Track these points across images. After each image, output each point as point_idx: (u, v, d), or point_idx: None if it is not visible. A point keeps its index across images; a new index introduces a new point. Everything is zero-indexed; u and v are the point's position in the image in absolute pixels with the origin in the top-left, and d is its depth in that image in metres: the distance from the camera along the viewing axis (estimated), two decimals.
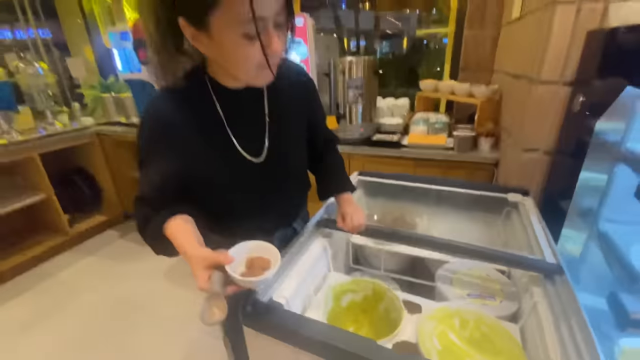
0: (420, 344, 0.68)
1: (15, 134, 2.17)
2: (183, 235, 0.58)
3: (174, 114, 0.62)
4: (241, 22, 0.50)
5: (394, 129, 1.76)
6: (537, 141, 1.09)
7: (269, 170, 0.74)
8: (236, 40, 0.52)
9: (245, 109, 0.69)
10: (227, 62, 0.58)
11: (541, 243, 0.83)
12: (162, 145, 0.64)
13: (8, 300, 1.94)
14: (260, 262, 0.58)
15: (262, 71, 0.57)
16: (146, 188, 0.65)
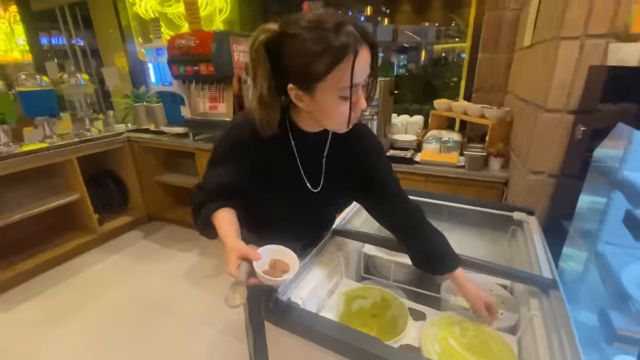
0: (422, 346, 0.76)
1: (56, 138, 2.37)
2: (227, 226, 0.70)
3: (254, 139, 0.75)
4: (341, 88, 0.62)
5: (407, 145, 1.84)
6: (542, 164, 1.15)
7: (320, 200, 0.86)
8: (334, 101, 0.65)
9: (312, 149, 0.82)
10: (321, 115, 0.70)
11: (540, 259, 0.89)
12: (235, 156, 0.77)
13: (41, 292, 2.10)
14: (281, 265, 0.68)
15: (349, 124, 0.70)
16: (208, 182, 0.80)
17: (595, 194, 0.88)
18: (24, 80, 2.22)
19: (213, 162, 0.81)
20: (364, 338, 0.66)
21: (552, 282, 0.79)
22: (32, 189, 2.33)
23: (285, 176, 0.82)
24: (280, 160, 0.80)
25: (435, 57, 2.73)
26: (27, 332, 1.78)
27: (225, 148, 0.80)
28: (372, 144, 0.90)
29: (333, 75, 0.61)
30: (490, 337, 0.79)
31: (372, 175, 0.88)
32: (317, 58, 0.60)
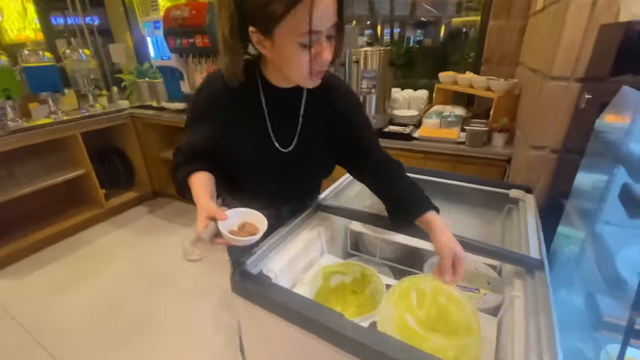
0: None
1: (61, 114, 2.40)
2: (200, 187, 0.71)
3: (224, 95, 0.75)
4: (299, 34, 0.60)
5: (408, 121, 1.75)
6: (545, 139, 1.06)
7: (292, 160, 0.84)
8: (293, 47, 0.62)
9: (285, 106, 0.79)
10: (284, 64, 0.67)
11: (530, 239, 0.83)
12: (206, 116, 0.78)
13: (50, 262, 2.19)
14: (250, 227, 0.67)
15: (311, 75, 0.66)
16: (186, 144, 0.80)
17: (595, 169, 0.80)
18: (28, 56, 2.23)
19: (188, 124, 0.82)
20: (325, 312, 0.64)
21: (538, 262, 0.74)
22: (40, 164, 2.40)
23: (253, 134, 0.79)
24: (249, 117, 0.78)
25: (453, 31, 2.56)
26: (38, 299, 1.88)
27: (197, 107, 0.80)
28: (352, 101, 0.86)
29: (291, 17, 0.58)
30: (450, 300, 0.73)
31: (352, 135, 0.85)
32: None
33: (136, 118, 2.67)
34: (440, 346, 0.67)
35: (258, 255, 0.82)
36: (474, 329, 0.68)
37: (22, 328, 1.67)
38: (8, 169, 2.22)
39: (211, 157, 0.78)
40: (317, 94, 0.79)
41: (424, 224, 0.77)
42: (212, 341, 1.55)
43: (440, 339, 0.68)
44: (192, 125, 0.81)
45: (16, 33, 4.17)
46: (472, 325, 0.69)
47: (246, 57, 0.75)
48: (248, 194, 0.84)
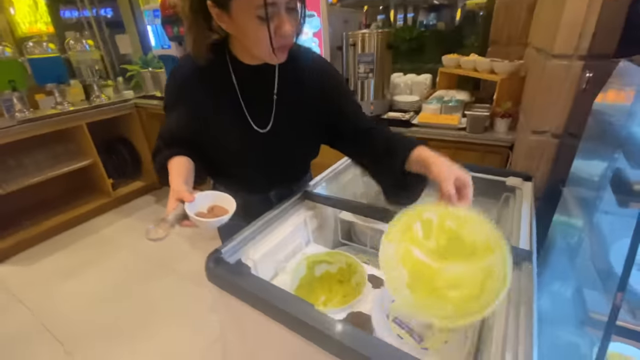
0: (388, 282, 0.57)
1: (67, 105, 2.44)
2: (175, 171, 0.71)
3: (195, 78, 0.74)
4: (256, 6, 0.57)
5: (408, 107, 1.69)
6: (546, 122, 1.00)
7: (271, 141, 0.81)
8: (251, 21, 0.60)
9: (257, 85, 0.77)
10: (244, 40, 0.66)
11: (522, 229, 0.79)
12: (180, 101, 0.77)
13: (59, 249, 2.27)
14: (219, 211, 0.66)
15: (274, 51, 0.64)
16: (164, 129, 0.80)
17: (593, 154, 0.74)
18: (32, 48, 2.26)
19: (165, 108, 0.82)
20: (296, 302, 0.62)
21: (526, 253, 0.69)
22: (49, 154, 2.46)
23: (228, 115, 0.77)
24: (222, 98, 0.76)
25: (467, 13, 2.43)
26: (45, 285, 1.95)
27: (170, 91, 0.79)
28: (327, 71, 0.83)
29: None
30: (459, 222, 0.57)
31: (332, 107, 0.81)
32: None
33: (140, 108, 2.69)
34: (459, 275, 0.55)
35: (238, 243, 0.81)
36: (495, 244, 0.54)
37: (30, 313, 1.73)
38: (17, 159, 2.28)
39: (189, 142, 0.78)
40: (288, 69, 0.76)
41: (417, 163, 0.65)
42: (214, 326, 1.57)
43: (458, 266, 0.55)
44: (168, 110, 0.80)
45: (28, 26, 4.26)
46: (492, 242, 0.54)
47: (215, 37, 0.73)
48: (234, 180, 0.84)
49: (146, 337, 1.56)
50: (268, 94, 0.78)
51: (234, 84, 0.75)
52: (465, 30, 2.32)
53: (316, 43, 1.67)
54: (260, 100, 0.78)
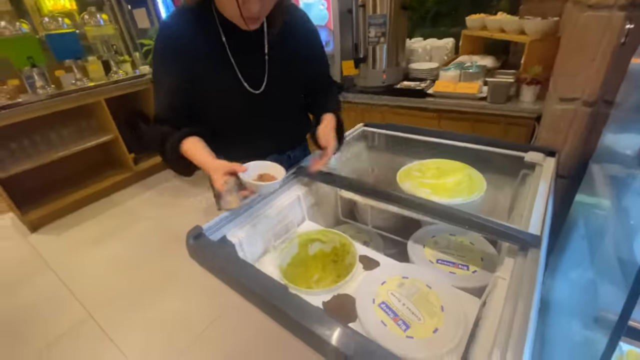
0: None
1: (86, 81, 2.49)
2: (201, 151, 0.71)
3: (184, 36, 0.71)
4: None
5: (425, 75, 1.55)
6: (577, 88, 0.86)
7: (265, 101, 0.81)
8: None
9: (247, 45, 0.76)
10: (218, 3, 0.66)
11: (534, 211, 0.69)
12: (173, 63, 0.72)
13: (86, 220, 2.40)
14: (268, 178, 0.72)
15: (245, 20, 0.65)
16: (161, 107, 0.75)
17: (628, 125, 0.62)
18: (48, 24, 2.29)
19: (155, 82, 0.76)
20: (271, 284, 0.58)
21: (534, 239, 0.61)
22: (72, 130, 2.55)
23: (221, 76, 0.75)
24: (213, 59, 0.73)
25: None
26: (75, 250, 2.09)
27: (160, 58, 0.73)
28: (313, 29, 0.85)
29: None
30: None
31: (314, 66, 0.87)
32: None
33: None
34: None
35: (223, 218, 0.78)
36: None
37: (57, 278, 1.87)
38: (43, 135, 2.39)
39: (186, 113, 0.76)
40: (280, 28, 0.75)
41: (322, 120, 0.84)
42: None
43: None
44: (160, 83, 0.75)
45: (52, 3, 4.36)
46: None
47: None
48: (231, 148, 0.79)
49: (160, 304, 1.63)
50: (259, 54, 0.76)
51: (224, 44, 0.72)
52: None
53: (324, 6, 1.54)
54: (251, 61, 0.76)
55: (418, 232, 0.88)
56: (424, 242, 0.84)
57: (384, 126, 1.18)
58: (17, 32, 2.24)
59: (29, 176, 2.32)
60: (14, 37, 2.22)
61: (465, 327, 0.60)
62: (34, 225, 2.33)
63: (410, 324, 0.60)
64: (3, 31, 2.17)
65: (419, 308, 0.63)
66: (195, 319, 1.53)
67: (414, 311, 0.63)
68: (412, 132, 1.11)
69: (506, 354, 0.44)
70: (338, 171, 0.95)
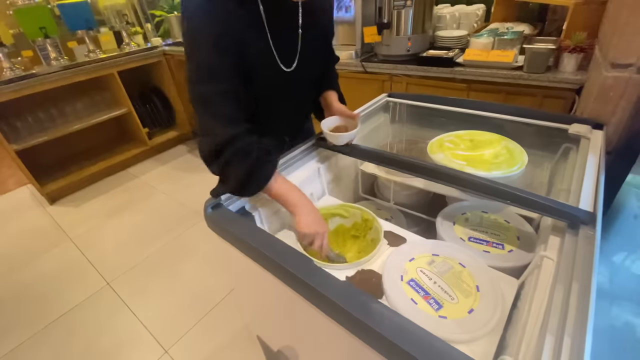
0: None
1: (99, 52, 2.44)
2: (299, 194, 0.69)
3: (229, 10, 0.59)
4: None
5: (453, 44, 1.44)
6: (631, 52, 0.76)
7: (295, 81, 0.76)
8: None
9: (283, 19, 0.68)
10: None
11: (584, 187, 0.62)
12: (233, 49, 0.60)
13: (103, 193, 2.43)
14: (342, 129, 0.83)
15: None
16: (230, 111, 0.62)
17: None
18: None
19: (203, 79, 0.60)
20: (294, 256, 0.54)
21: (587, 216, 0.55)
22: (87, 103, 2.53)
23: (257, 54, 0.66)
24: (251, 33, 0.63)
25: None
26: (93, 222, 2.12)
27: (215, 47, 0.59)
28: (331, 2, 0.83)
29: None
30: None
31: (329, 31, 0.86)
32: None
33: (169, 56, 2.63)
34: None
35: None
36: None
37: (76, 248, 1.90)
38: (58, 108, 2.38)
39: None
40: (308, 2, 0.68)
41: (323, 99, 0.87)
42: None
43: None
44: (214, 77, 0.61)
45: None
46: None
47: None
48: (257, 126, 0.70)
49: (176, 274, 1.65)
50: (293, 30, 0.71)
51: (262, 17, 0.63)
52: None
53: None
54: (285, 37, 0.69)
55: (447, 209, 0.82)
56: (454, 219, 0.78)
57: (409, 96, 1.10)
58: (29, 3, 2.19)
59: (46, 149, 2.34)
60: (27, 7, 2.17)
61: (503, 309, 0.55)
62: (52, 197, 2.37)
63: (443, 304, 0.56)
64: (15, 1, 2.13)
65: (452, 287, 0.59)
66: (213, 288, 1.54)
67: (446, 290, 0.58)
68: (440, 103, 1.03)
69: (562, 341, 0.39)
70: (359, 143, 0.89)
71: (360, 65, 1.52)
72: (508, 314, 0.55)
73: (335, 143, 0.82)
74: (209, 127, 0.62)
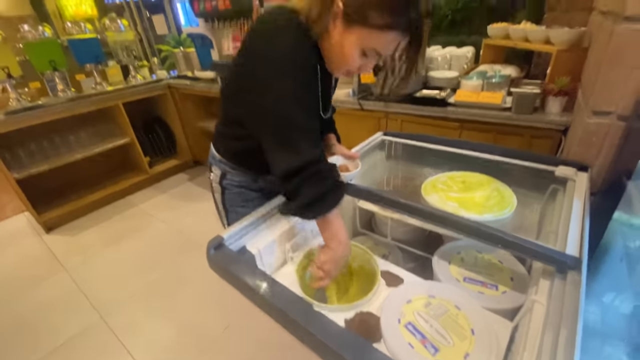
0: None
1: (105, 85, 2.54)
2: (343, 230, 0.71)
3: (309, 58, 0.67)
4: (369, 47, 0.63)
5: (445, 84, 1.52)
6: (611, 102, 0.82)
7: (323, 126, 0.89)
8: (354, 48, 0.64)
9: (327, 76, 0.77)
10: (334, 49, 0.67)
11: (570, 230, 0.66)
12: (310, 83, 0.69)
13: (101, 222, 2.43)
14: (344, 168, 0.88)
15: (344, 72, 0.72)
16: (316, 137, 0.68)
17: None
18: (71, 29, 2.35)
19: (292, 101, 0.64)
20: (293, 300, 0.56)
21: (574, 261, 0.57)
22: (91, 133, 2.59)
23: (313, 102, 0.76)
24: (311, 81, 0.71)
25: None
26: (89, 252, 2.11)
27: (299, 68, 0.64)
28: None
29: (377, 33, 0.60)
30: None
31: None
32: (381, 9, 0.58)
33: (173, 88, 2.73)
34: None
35: (242, 228, 0.76)
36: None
37: (71, 279, 1.88)
38: (62, 137, 2.43)
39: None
40: None
41: (325, 140, 0.95)
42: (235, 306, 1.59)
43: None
44: (302, 101, 0.65)
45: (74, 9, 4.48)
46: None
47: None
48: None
49: (173, 309, 1.62)
50: (330, 86, 0.83)
51: (317, 71, 0.71)
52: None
53: None
54: (325, 91, 0.80)
55: (443, 248, 0.84)
56: (450, 259, 0.80)
57: (404, 135, 1.15)
58: (40, 36, 2.30)
59: (47, 177, 2.37)
60: (37, 41, 2.27)
61: (497, 353, 0.56)
62: (49, 226, 2.36)
63: (439, 348, 0.57)
64: (26, 35, 2.23)
65: (448, 330, 0.60)
66: (209, 325, 1.51)
67: (442, 333, 0.60)
68: (433, 142, 1.08)
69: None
70: (356, 181, 0.92)
71: (357, 103, 1.59)
72: (503, 357, 0.56)
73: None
74: (294, 145, 0.64)
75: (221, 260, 0.68)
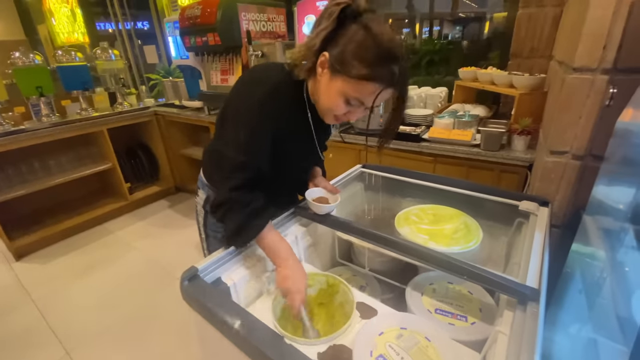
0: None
1: (91, 111, 2.54)
2: (288, 250, 0.77)
3: (285, 105, 0.76)
4: (353, 96, 0.67)
5: (420, 121, 1.62)
6: (566, 142, 0.90)
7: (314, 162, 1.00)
8: (339, 95, 0.69)
9: (320, 122, 0.84)
10: (322, 96, 0.73)
11: (531, 262, 0.70)
12: (271, 125, 0.75)
13: (74, 249, 2.34)
14: (323, 201, 0.92)
15: (332, 118, 0.77)
16: (252, 157, 0.74)
17: (618, 179, 0.65)
18: (60, 57, 2.39)
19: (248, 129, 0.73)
20: (266, 334, 0.56)
21: (532, 292, 0.61)
22: (72, 157, 2.56)
23: (302, 140, 0.86)
24: (301, 126, 0.82)
25: (496, 26, 2.33)
26: (59, 281, 2.01)
27: (262, 113, 0.73)
28: None
29: (360, 83, 0.64)
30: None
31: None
32: (362, 62, 0.63)
33: (159, 116, 2.77)
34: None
35: (218, 259, 0.77)
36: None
37: (38, 311, 1.78)
38: (42, 161, 2.39)
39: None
40: None
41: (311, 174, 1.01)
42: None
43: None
44: (255, 130, 0.74)
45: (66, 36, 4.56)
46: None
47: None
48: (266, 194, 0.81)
49: (143, 344, 1.54)
50: (325, 129, 0.91)
51: (307, 109, 0.80)
52: (491, 44, 2.22)
53: None
54: (321, 129, 0.88)
55: (416, 279, 0.87)
56: (422, 290, 0.83)
57: (382, 168, 1.21)
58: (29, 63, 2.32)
59: (23, 202, 2.30)
60: (26, 67, 2.29)
61: None
62: (19, 253, 2.26)
63: None
64: (16, 61, 2.25)
65: None
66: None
67: None
68: (409, 176, 1.14)
69: None
70: (336, 212, 0.95)
71: (339, 136, 1.66)
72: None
73: (318, 212, 0.90)
74: (224, 181, 0.75)
75: (194, 292, 0.68)
